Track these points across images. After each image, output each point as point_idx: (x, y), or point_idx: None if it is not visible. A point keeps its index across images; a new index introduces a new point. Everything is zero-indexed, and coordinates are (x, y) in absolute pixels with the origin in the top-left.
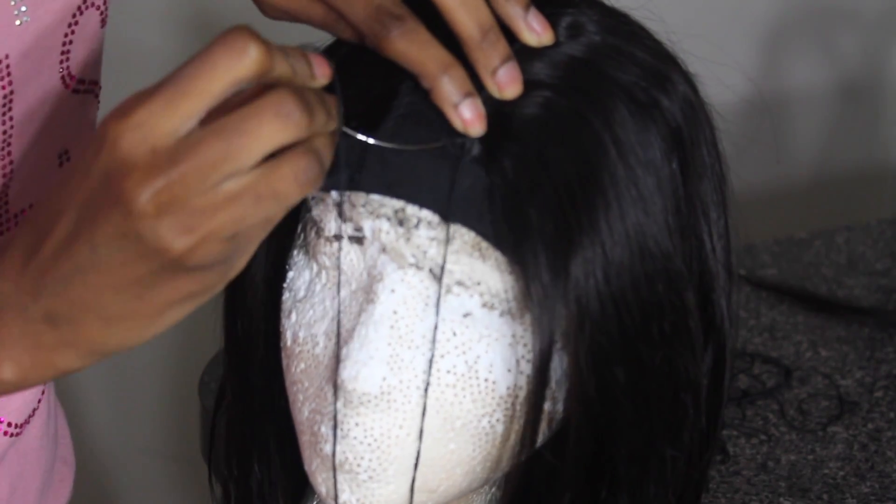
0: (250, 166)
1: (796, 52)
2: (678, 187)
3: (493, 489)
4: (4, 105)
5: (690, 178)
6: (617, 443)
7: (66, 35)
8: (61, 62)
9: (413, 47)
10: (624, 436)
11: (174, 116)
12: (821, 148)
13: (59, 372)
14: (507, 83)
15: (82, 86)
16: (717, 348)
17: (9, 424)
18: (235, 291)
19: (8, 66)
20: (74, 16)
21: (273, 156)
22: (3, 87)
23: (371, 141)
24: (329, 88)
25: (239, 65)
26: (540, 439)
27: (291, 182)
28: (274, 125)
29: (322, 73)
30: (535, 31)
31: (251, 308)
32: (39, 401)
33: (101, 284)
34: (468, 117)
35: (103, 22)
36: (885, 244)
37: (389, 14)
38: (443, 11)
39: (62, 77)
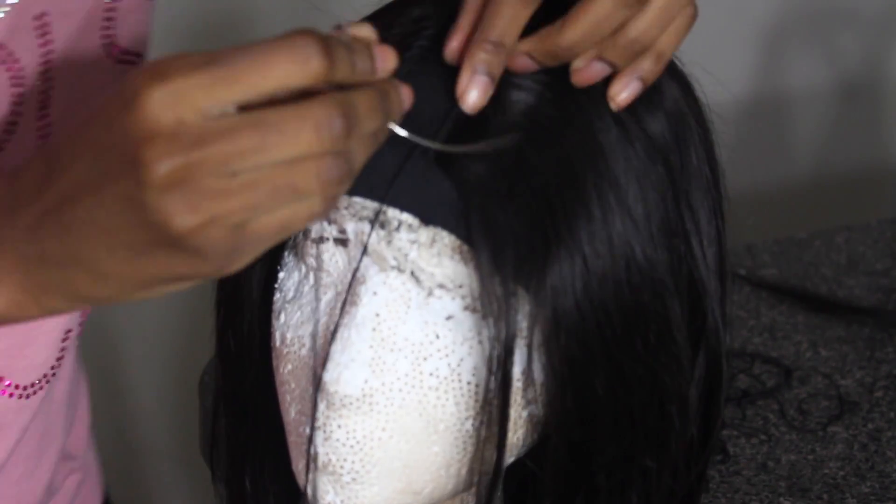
0: (276, 163)
1: (796, 52)
2: (665, 194)
3: (485, 491)
4: (45, 62)
5: (679, 184)
6: (597, 453)
7: (109, 2)
8: (104, 29)
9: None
10: (605, 446)
11: (214, 98)
12: (821, 148)
13: (44, 312)
14: (469, 95)
15: (127, 56)
16: (711, 356)
17: (15, 387)
18: (230, 293)
19: (47, 24)
20: None
21: None
22: (43, 45)
23: (432, 145)
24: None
25: (298, 72)
26: (524, 445)
27: (313, 179)
28: (312, 135)
29: (385, 66)
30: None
31: (246, 309)
32: (53, 367)
33: (97, 241)
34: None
35: None
36: (885, 244)
37: None
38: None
39: (105, 45)
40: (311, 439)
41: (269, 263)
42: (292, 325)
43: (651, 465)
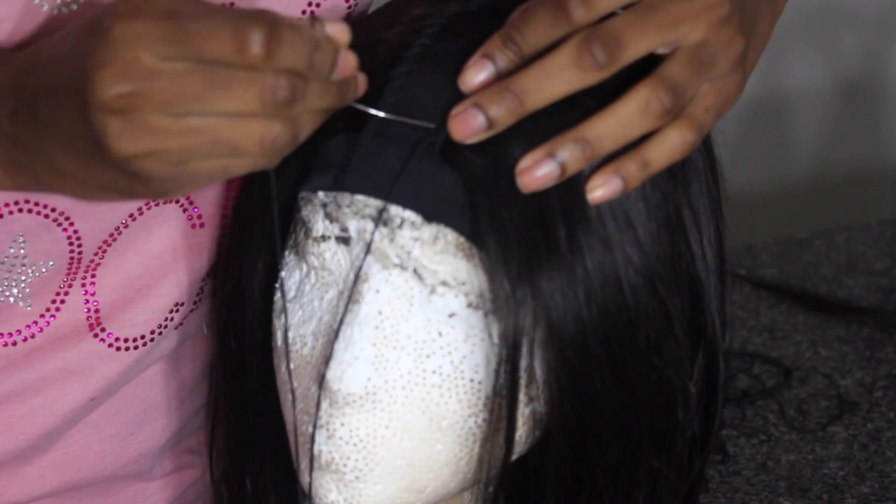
0: (221, 116)
1: (796, 52)
2: (666, 193)
3: (490, 489)
4: None
5: (679, 183)
6: (602, 452)
7: (308, 4)
8: (303, 13)
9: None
10: (610, 445)
11: (172, 46)
12: (821, 148)
13: (16, 186)
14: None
15: None
16: (709, 354)
17: (108, 334)
18: (231, 293)
19: (233, 4)
20: None
21: None
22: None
23: (371, 111)
24: None
25: (234, 53)
26: (526, 442)
27: (255, 142)
28: (255, 98)
29: (342, 71)
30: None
31: (247, 308)
32: (153, 332)
33: (57, 141)
34: (477, 73)
35: (351, 7)
36: (885, 244)
37: None
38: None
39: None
40: (313, 438)
41: (270, 263)
42: (294, 324)
43: (656, 465)
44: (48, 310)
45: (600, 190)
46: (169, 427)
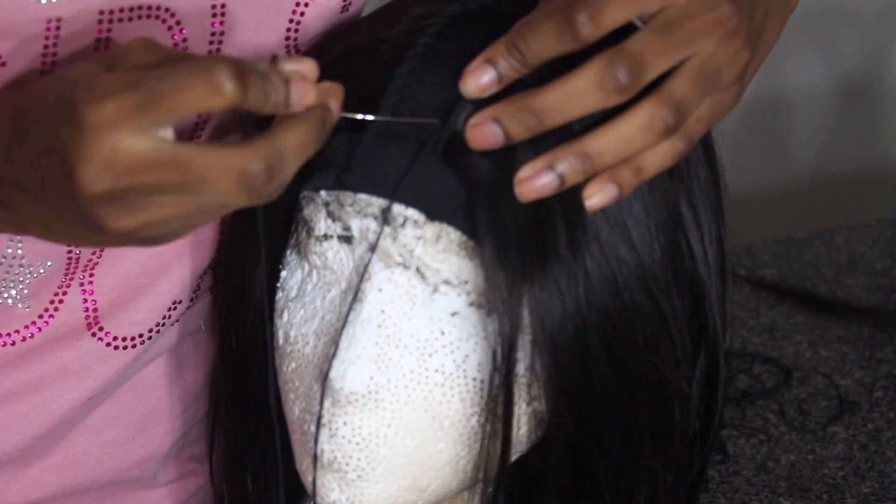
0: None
1: (796, 52)
2: (666, 192)
3: (490, 489)
4: (212, 43)
5: (680, 182)
6: (602, 453)
7: (296, 4)
8: (288, 31)
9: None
10: (610, 446)
11: (141, 121)
12: (821, 148)
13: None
14: (475, 131)
15: None
16: (710, 353)
17: (106, 333)
18: (232, 293)
19: (224, 6)
20: None
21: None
22: (215, 24)
23: (359, 116)
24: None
25: (210, 100)
26: (527, 441)
27: (244, 198)
28: (232, 186)
29: (300, 101)
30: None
31: (249, 307)
32: (151, 331)
33: (47, 210)
34: (478, 77)
35: (344, 8)
36: (885, 244)
37: None
38: None
39: (287, 48)
40: (316, 437)
41: (272, 262)
42: (296, 324)
43: (656, 465)
44: (46, 310)
45: (597, 197)
46: (172, 433)
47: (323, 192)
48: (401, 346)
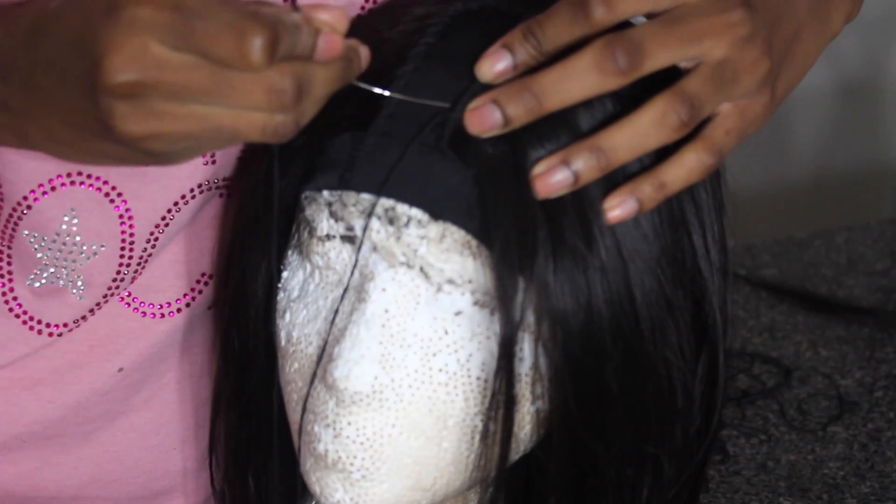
0: (224, 107)
1: None
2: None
3: (490, 488)
4: None
5: None
6: (605, 447)
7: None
8: None
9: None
10: (614, 439)
11: (178, 38)
12: (821, 148)
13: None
14: (473, 114)
15: None
16: (711, 350)
17: (141, 303)
18: (234, 293)
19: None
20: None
21: None
22: None
23: (376, 89)
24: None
25: (234, 60)
26: (530, 440)
27: (257, 130)
28: (261, 97)
29: (327, 54)
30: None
31: (251, 307)
32: (178, 301)
33: (54, 111)
34: (494, 62)
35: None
36: (885, 244)
37: None
38: None
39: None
40: (319, 437)
41: (273, 263)
42: (298, 324)
43: (661, 459)
44: (98, 305)
45: (617, 210)
46: (188, 447)
47: (325, 192)
48: (405, 345)
